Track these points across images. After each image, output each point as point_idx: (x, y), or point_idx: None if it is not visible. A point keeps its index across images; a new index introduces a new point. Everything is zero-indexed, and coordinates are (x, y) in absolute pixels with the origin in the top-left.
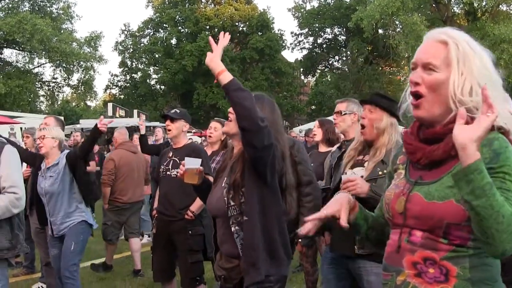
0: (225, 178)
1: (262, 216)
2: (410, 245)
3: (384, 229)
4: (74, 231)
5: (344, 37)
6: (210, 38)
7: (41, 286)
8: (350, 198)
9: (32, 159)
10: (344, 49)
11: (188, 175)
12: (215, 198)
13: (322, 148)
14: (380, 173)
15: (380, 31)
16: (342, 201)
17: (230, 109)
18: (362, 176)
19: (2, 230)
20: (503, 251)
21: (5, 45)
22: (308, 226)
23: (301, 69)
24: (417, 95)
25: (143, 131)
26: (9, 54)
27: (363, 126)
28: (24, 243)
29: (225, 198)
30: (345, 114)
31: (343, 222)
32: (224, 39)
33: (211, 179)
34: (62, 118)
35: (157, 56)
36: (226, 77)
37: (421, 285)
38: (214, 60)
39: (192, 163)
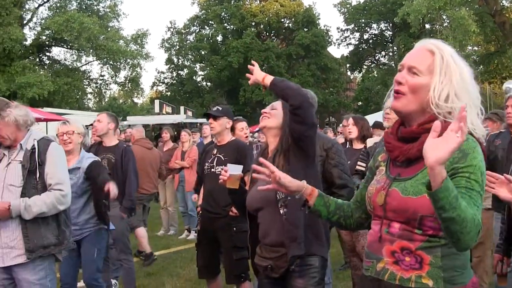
0: None
1: None
2: (390, 235)
3: (348, 215)
4: (94, 238)
5: (390, 32)
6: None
7: None
8: (304, 184)
9: None
10: (390, 45)
11: (232, 180)
12: (258, 191)
13: (357, 145)
14: None
15: (427, 26)
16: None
17: (264, 109)
18: None
19: (49, 227)
20: (466, 247)
21: (53, 44)
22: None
23: (347, 65)
24: (398, 93)
25: None
26: (58, 52)
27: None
28: (71, 239)
29: None
30: None
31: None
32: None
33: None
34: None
35: (203, 53)
36: (270, 77)
37: (398, 272)
38: (256, 73)
39: (235, 169)
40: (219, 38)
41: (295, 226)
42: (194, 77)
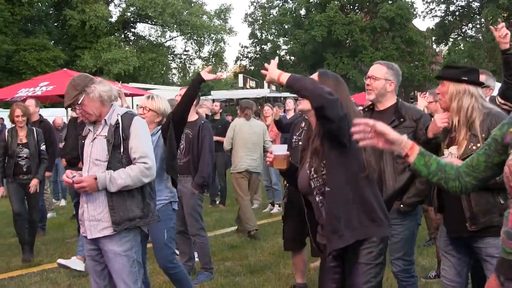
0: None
1: (351, 184)
2: None
3: (451, 177)
4: (163, 216)
5: (478, 4)
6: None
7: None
8: (404, 138)
9: None
10: (478, 17)
11: (277, 161)
12: (302, 175)
13: None
14: (473, 148)
15: None
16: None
17: None
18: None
19: (134, 199)
20: None
21: (138, 20)
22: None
23: (433, 38)
24: None
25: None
26: (142, 28)
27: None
28: (156, 212)
29: (307, 171)
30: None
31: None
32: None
33: None
34: None
35: (286, 27)
36: (284, 76)
37: None
38: (271, 71)
39: (279, 149)
40: (302, 12)
41: (335, 217)
42: (277, 52)
